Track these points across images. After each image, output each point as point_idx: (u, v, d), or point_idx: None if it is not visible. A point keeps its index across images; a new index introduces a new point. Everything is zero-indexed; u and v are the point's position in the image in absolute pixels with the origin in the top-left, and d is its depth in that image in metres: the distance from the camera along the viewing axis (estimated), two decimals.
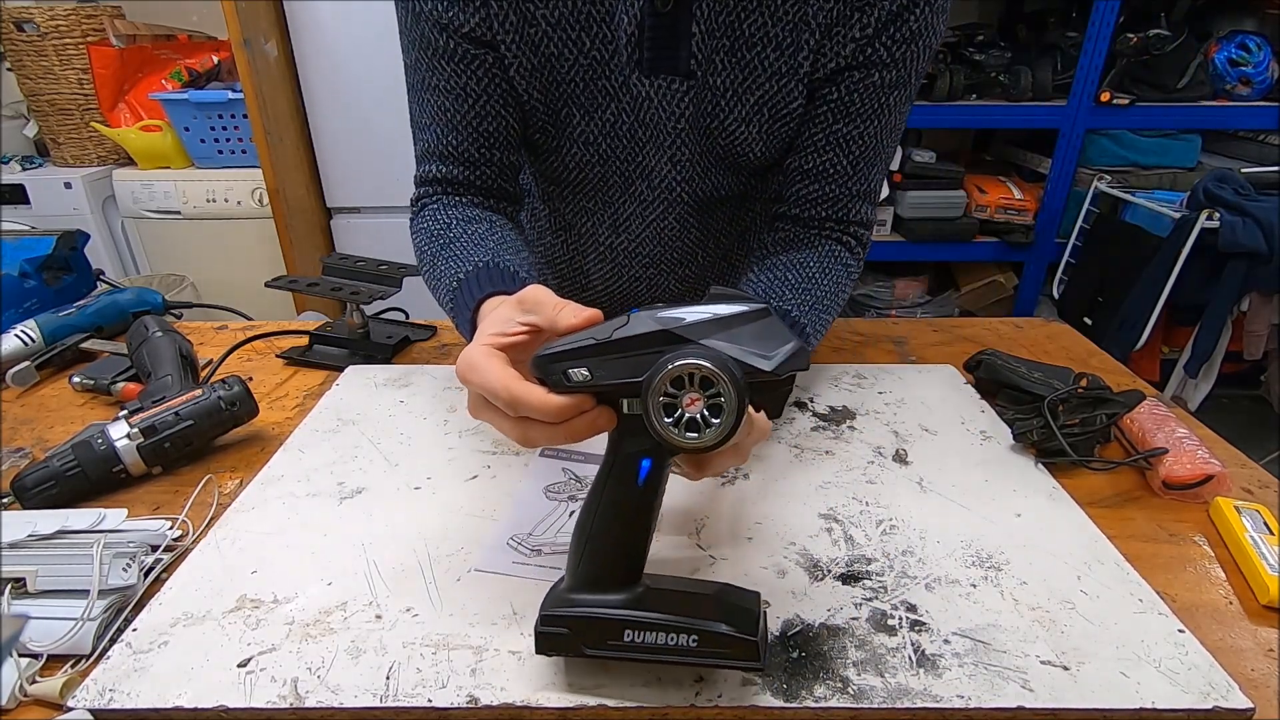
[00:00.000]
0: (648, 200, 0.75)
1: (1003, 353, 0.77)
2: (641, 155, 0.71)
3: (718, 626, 0.40)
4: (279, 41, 1.99)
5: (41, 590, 0.46)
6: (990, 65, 2.13)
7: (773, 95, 0.66)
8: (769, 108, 0.67)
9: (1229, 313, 1.94)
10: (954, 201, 2.25)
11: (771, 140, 0.70)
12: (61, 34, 2.05)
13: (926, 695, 0.41)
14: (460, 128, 0.67)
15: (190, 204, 2.13)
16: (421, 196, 0.71)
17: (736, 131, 0.68)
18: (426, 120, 0.69)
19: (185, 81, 2.15)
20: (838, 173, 0.69)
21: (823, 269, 0.68)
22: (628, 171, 0.73)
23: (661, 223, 0.77)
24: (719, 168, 0.73)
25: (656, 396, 0.37)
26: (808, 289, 0.66)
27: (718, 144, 0.70)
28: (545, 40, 0.64)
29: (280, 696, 0.41)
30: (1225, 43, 2.11)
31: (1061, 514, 0.57)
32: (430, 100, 0.68)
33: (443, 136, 0.68)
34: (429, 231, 0.66)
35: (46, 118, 2.15)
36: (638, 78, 0.65)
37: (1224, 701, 0.41)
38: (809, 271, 0.67)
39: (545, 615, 0.41)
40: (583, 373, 0.39)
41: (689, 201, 0.75)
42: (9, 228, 1.51)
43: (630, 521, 0.41)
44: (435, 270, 0.63)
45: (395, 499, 0.58)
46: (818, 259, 0.69)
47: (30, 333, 0.82)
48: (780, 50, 0.64)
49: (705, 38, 0.63)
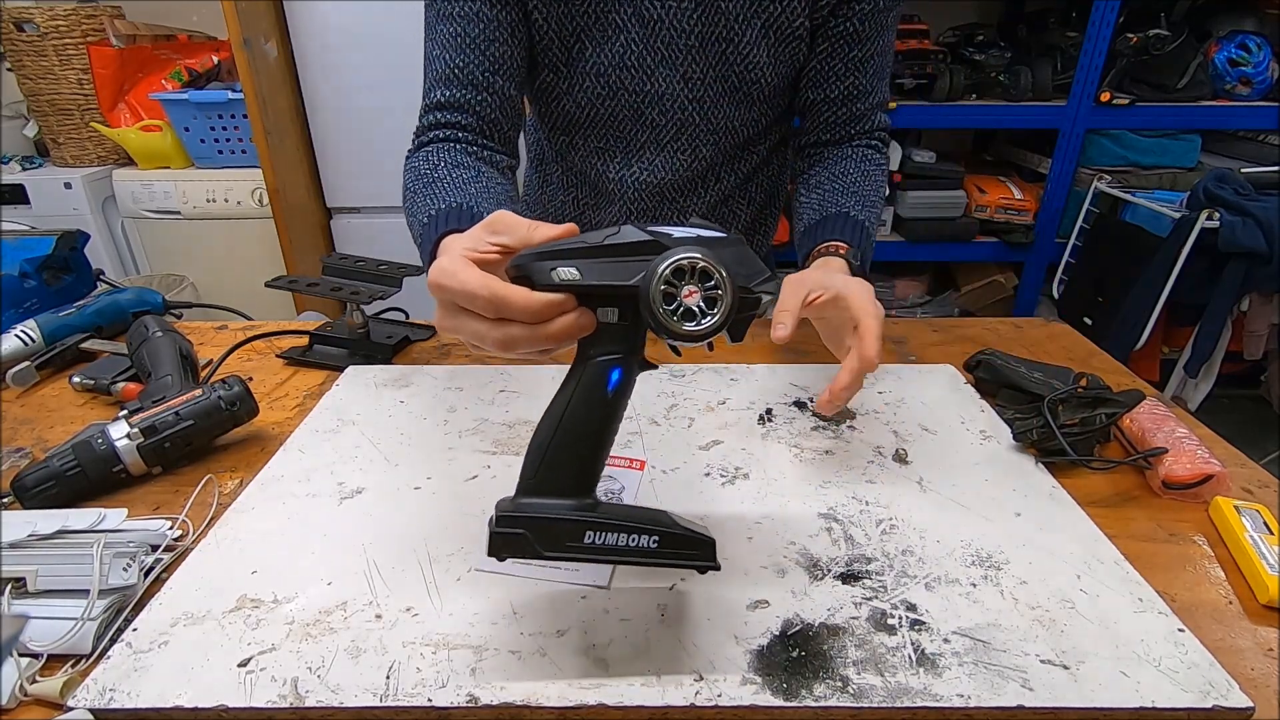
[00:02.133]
0: (661, 128, 0.80)
1: (1003, 352, 0.77)
2: (652, 81, 0.77)
3: (675, 528, 0.42)
4: (279, 41, 1.99)
5: (41, 590, 0.46)
6: (990, 65, 2.13)
7: (777, 16, 0.74)
8: (775, 29, 0.74)
9: (1229, 313, 1.94)
10: (954, 201, 2.25)
11: (780, 63, 0.77)
12: (61, 34, 2.05)
13: (926, 694, 0.41)
14: (468, 48, 0.71)
15: (190, 204, 2.13)
16: (422, 134, 0.74)
17: (749, 54, 0.75)
18: (438, 51, 0.72)
19: (185, 81, 2.15)
20: (860, 92, 0.79)
21: (863, 173, 0.78)
22: (638, 103, 0.78)
23: (675, 148, 0.82)
24: (731, 96, 0.79)
25: (660, 285, 0.39)
26: (856, 191, 0.76)
27: (732, 70, 0.76)
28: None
29: (280, 696, 0.41)
30: (1225, 43, 2.11)
31: (1061, 513, 0.57)
32: (443, 29, 0.72)
33: (451, 60, 0.71)
34: (417, 170, 0.69)
35: (46, 118, 2.15)
36: (649, 2, 0.72)
37: (1224, 700, 0.41)
38: (853, 178, 0.77)
39: (502, 515, 0.41)
40: (571, 272, 0.40)
41: (702, 128, 0.81)
42: (9, 228, 1.51)
43: (595, 430, 0.42)
44: (414, 206, 0.65)
45: (395, 499, 0.58)
46: (857, 165, 0.79)
47: (30, 333, 0.82)
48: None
49: None
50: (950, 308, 2.48)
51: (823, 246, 0.71)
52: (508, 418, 0.70)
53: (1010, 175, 2.38)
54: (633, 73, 0.76)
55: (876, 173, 0.80)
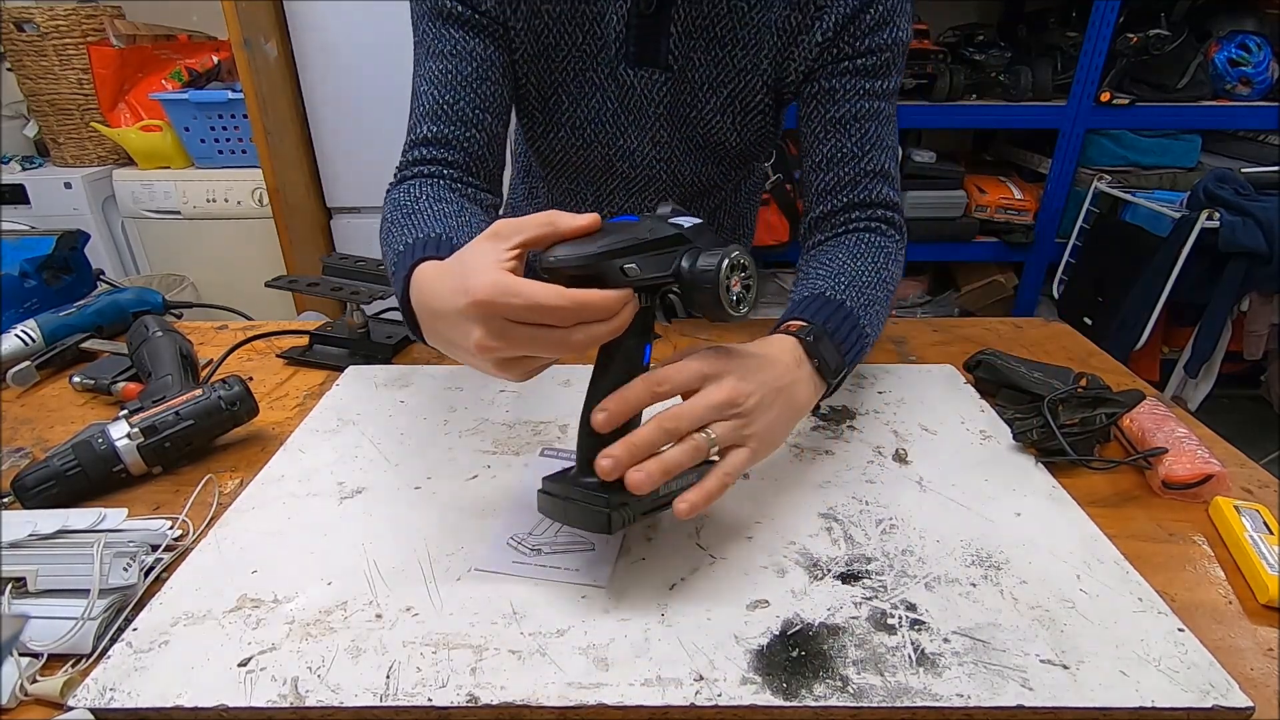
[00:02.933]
0: (630, 179, 0.83)
1: (1003, 352, 0.77)
2: (624, 139, 0.79)
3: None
4: (279, 41, 1.99)
5: (42, 590, 0.46)
6: (990, 65, 2.13)
7: (741, 90, 0.75)
8: (739, 100, 0.75)
9: (1229, 313, 1.94)
10: (954, 201, 2.25)
11: (744, 131, 0.77)
12: (61, 34, 2.05)
13: (926, 694, 0.41)
14: (459, 85, 0.70)
15: (190, 204, 2.13)
16: (405, 169, 0.72)
17: (712, 120, 0.77)
18: (426, 86, 0.72)
19: (185, 81, 2.15)
20: (845, 154, 0.73)
21: (854, 255, 0.70)
22: (610, 155, 0.80)
23: (643, 195, 0.84)
24: (697, 153, 0.80)
25: (727, 277, 0.45)
26: (842, 274, 0.67)
27: (696, 132, 0.78)
28: (547, 31, 0.72)
29: (280, 696, 0.41)
30: (1225, 43, 2.11)
31: (1061, 513, 0.57)
32: (433, 65, 0.71)
33: (440, 97, 0.71)
34: (397, 202, 0.67)
35: (46, 118, 2.15)
36: (624, 68, 0.74)
37: (1223, 700, 0.41)
38: (839, 262, 0.69)
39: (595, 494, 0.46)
40: (633, 267, 0.44)
41: (669, 182, 0.83)
42: (9, 228, 1.51)
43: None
44: (389, 235, 0.63)
45: (395, 499, 0.58)
46: (845, 249, 0.71)
47: (30, 333, 0.82)
48: (746, 50, 0.73)
49: (682, 36, 0.72)
50: (950, 308, 2.48)
51: (781, 326, 0.61)
52: (508, 418, 0.70)
53: (1010, 175, 2.38)
54: (605, 129, 0.78)
55: (872, 254, 0.70)
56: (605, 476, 0.44)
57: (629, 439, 0.45)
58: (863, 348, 0.64)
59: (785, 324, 0.61)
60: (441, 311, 0.48)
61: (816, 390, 0.58)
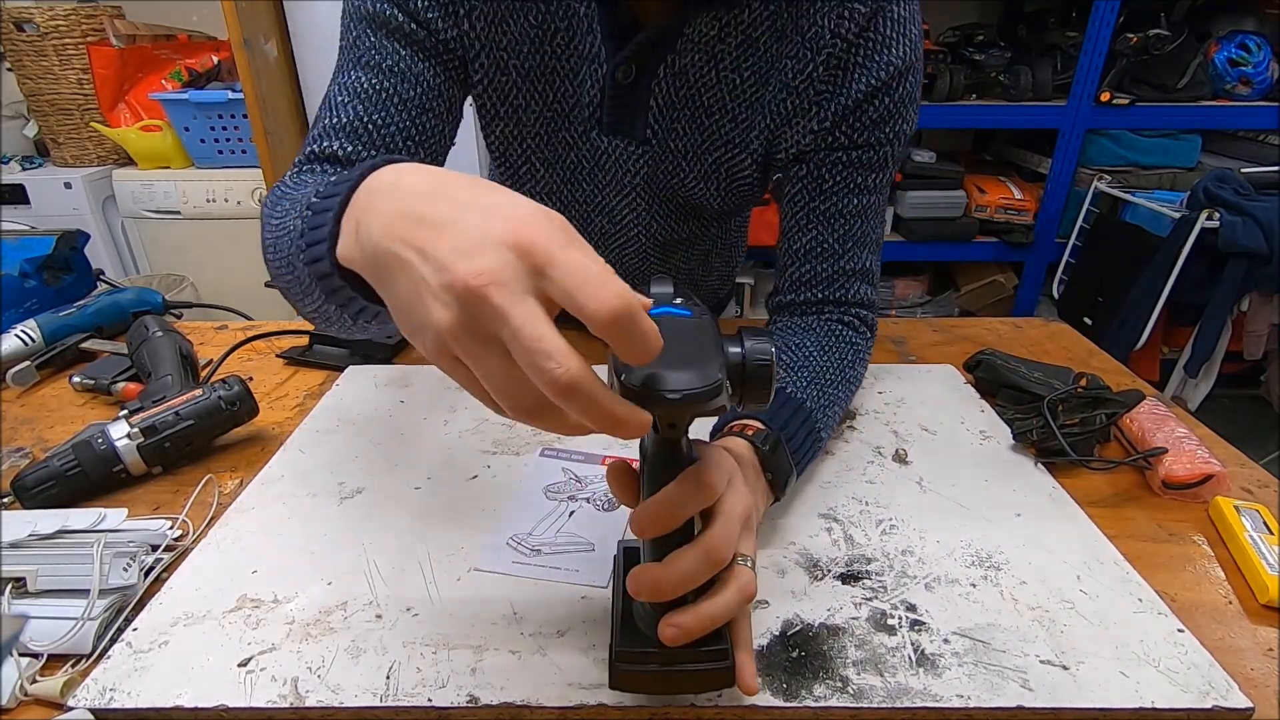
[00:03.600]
0: (609, 234, 0.77)
1: (1002, 352, 0.77)
2: (601, 197, 0.73)
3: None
4: (279, 41, 1.99)
5: (42, 590, 0.46)
6: (990, 65, 2.13)
7: (727, 160, 0.68)
8: (725, 168, 0.69)
9: (1229, 313, 1.94)
10: (954, 201, 2.25)
11: (728, 196, 0.71)
12: (61, 34, 2.05)
13: (926, 695, 0.41)
14: (396, 107, 0.59)
15: (190, 204, 2.13)
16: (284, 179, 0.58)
17: (694, 188, 0.70)
18: (348, 99, 0.60)
19: (185, 81, 2.15)
20: (825, 250, 0.67)
21: (821, 347, 0.65)
22: (586, 212, 0.75)
23: (622, 254, 0.79)
24: (677, 215, 0.75)
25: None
26: (805, 368, 0.62)
27: (676, 195, 0.71)
28: (514, 90, 0.65)
29: (280, 696, 0.41)
30: (1225, 43, 2.11)
31: (1061, 514, 0.57)
32: (363, 78, 0.59)
33: (366, 115, 0.59)
34: (278, 193, 0.53)
35: (46, 118, 2.15)
36: (597, 134, 0.67)
37: (1223, 701, 0.41)
38: (806, 351, 0.64)
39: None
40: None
41: (647, 239, 0.78)
42: (9, 228, 1.51)
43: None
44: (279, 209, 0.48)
45: (395, 499, 0.58)
46: (815, 339, 0.66)
47: (30, 333, 0.82)
48: (735, 123, 0.66)
49: (663, 109, 0.65)
50: (950, 308, 2.48)
51: (732, 425, 0.55)
52: (508, 418, 0.70)
53: (1010, 175, 2.38)
54: (580, 189, 0.73)
55: (840, 349, 0.66)
56: (671, 644, 0.38)
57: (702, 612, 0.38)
58: (815, 453, 0.59)
59: (743, 423, 0.54)
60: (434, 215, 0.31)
61: (767, 503, 0.52)
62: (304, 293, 0.44)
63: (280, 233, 0.46)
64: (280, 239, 0.46)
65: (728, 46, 0.62)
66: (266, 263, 0.50)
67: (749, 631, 0.41)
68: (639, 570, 0.38)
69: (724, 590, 0.39)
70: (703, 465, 0.39)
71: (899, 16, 0.60)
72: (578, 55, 0.62)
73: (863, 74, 0.61)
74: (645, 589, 0.37)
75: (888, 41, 0.60)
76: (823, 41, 0.60)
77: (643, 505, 0.37)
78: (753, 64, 0.63)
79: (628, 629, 0.40)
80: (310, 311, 0.47)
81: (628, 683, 0.40)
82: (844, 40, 0.60)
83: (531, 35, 0.62)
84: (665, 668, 0.39)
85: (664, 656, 0.39)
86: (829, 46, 0.60)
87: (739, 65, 0.63)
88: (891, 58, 0.60)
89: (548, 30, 0.62)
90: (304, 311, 0.48)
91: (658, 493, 0.37)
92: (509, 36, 0.62)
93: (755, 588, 0.40)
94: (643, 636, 0.39)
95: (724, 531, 0.39)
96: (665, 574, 0.37)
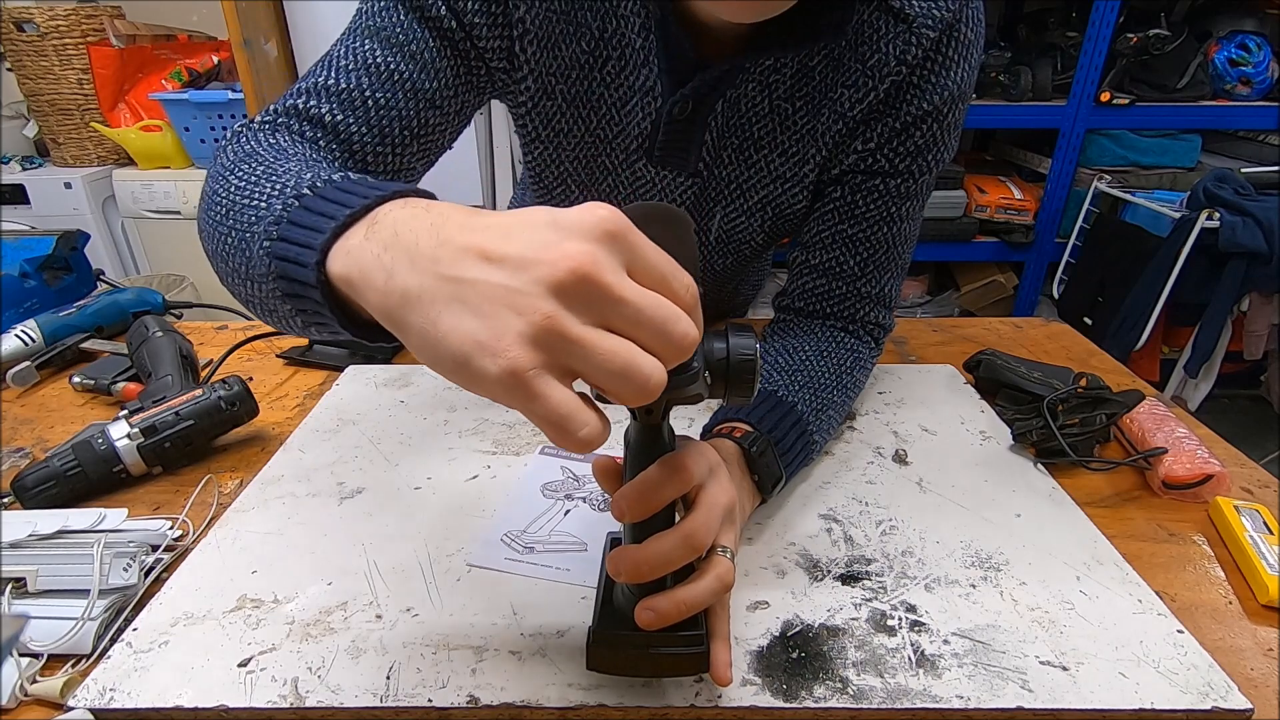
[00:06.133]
0: None
1: (1003, 353, 0.77)
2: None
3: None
4: (279, 41, 1.99)
5: (42, 590, 0.46)
6: (990, 65, 2.13)
7: (776, 196, 0.67)
8: (772, 205, 0.67)
9: (1229, 313, 1.94)
10: (954, 201, 2.25)
11: (773, 232, 0.70)
12: (61, 34, 2.05)
13: (926, 695, 0.41)
14: (397, 89, 0.54)
15: (190, 204, 2.13)
16: (268, 118, 0.53)
17: (738, 221, 0.69)
18: (351, 64, 0.54)
19: (185, 81, 2.16)
20: (845, 272, 0.66)
21: (820, 352, 0.64)
22: None
23: None
24: (717, 249, 0.73)
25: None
26: (800, 371, 0.61)
27: (720, 229, 0.70)
28: (558, 115, 0.63)
29: (280, 696, 0.41)
30: (1225, 43, 2.11)
31: (1061, 514, 0.57)
32: (374, 49, 0.55)
33: (367, 88, 0.54)
34: (247, 147, 0.47)
35: (46, 118, 2.15)
36: (644, 164, 0.65)
37: (1223, 702, 0.41)
38: (803, 355, 0.63)
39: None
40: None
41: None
42: (9, 228, 1.51)
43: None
44: (250, 170, 0.43)
45: (395, 499, 0.58)
46: (814, 343, 0.65)
47: (30, 333, 0.82)
48: (787, 158, 0.64)
49: (716, 142, 0.63)
50: (950, 308, 2.48)
51: (720, 427, 0.55)
52: (508, 418, 0.70)
53: (1010, 175, 2.38)
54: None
55: (840, 356, 0.64)
56: (647, 627, 0.38)
57: (678, 597, 0.38)
58: (808, 457, 0.58)
59: (732, 424, 0.55)
60: (488, 223, 0.29)
61: (753, 503, 0.53)
62: (243, 274, 0.40)
63: (243, 198, 0.41)
64: (242, 207, 0.40)
65: (782, 77, 0.61)
66: (202, 215, 0.45)
67: (727, 623, 0.42)
68: (619, 551, 0.39)
69: (701, 578, 0.39)
70: (681, 452, 0.40)
71: (965, 40, 0.59)
72: (628, 86, 0.60)
73: (917, 96, 0.60)
74: (624, 569, 0.38)
75: (949, 64, 0.59)
76: (887, 69, 0.58)
77: (622, 489, 0.38)
78: (806, 94, 0.61)
79: (607, 612, 0.41)
80: (237, 286, 0.43)
81: (603, 663, 0.41)
82: (908, 66, 0.58)
83: (582, 62, 0.60)
84: (640, 651, 0.40)
85: (640, 640, 0.39)
86: (893, 74, 0.59)
87: (792, 95, 0.61)
88: (948, 82, 0.59)
89: (599, 58, 0.60)
90: (229, 284, 0.44)
91: (636, 476, 0.38)
92: (559, 62, 0.60)
93: (733, 578, 0.40)
94: (621, 620, 0.40)
95: (705, 519, 0.39)
96: (643, 554, 0.38)
